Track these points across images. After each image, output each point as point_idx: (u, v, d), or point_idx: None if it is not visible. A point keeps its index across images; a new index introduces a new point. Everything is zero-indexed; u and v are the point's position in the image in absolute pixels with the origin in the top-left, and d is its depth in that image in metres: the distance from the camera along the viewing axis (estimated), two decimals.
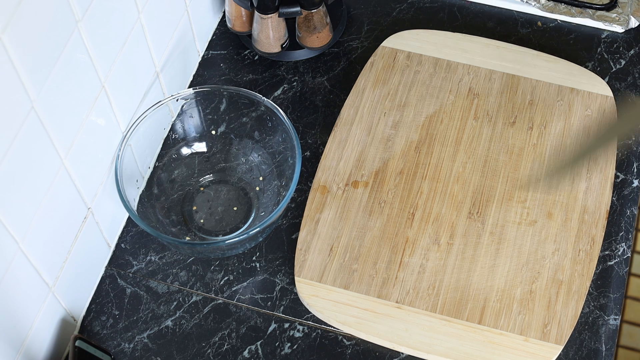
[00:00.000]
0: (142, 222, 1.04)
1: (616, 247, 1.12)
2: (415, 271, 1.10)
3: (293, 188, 1.06)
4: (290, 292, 1.11)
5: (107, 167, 1.09)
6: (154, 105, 1.12)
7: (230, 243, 1.05)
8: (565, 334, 1.05)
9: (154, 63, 1.15)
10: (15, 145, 0.86)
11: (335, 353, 1.07)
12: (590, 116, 1.20)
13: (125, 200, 1.05)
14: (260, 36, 1.25)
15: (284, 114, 1.11)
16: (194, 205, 1.16)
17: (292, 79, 1.28)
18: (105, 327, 1.09)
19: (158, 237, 1.03)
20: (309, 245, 1.12)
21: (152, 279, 1.12)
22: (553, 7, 1.31)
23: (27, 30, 0.84)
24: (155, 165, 1.17)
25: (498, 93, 1.23)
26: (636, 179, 1.18)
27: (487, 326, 1.06)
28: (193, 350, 1.07)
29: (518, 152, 1.18)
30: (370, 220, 1.13)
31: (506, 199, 1.15)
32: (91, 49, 0.97)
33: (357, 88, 1.24)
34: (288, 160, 1.12)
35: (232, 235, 1.14)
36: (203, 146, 1.18)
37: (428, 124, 1.21)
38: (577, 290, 1.08)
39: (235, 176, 1.18)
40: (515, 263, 1.10)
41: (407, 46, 1.28)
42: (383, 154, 1.18)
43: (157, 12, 1.11)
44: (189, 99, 1.15)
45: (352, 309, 1.07)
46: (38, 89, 0.88)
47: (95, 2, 0.95)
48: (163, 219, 1.13)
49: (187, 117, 1.16)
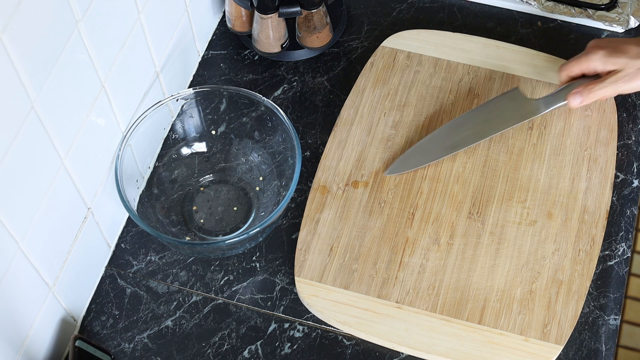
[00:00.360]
0: (142, 222, 1.04)
1: (616, 247, 1.12)
2: (415, 271, 1.10)
3: (293, 188, 1.06)
4: (290, 292, 1.11)
5: (107, 167, 1.09)
6: (154, 105, 1.12)
7: (230, 243, 1.05)
8: (565, 334, 1.05)
9: (154, 63, 1.15)
10: (15, 145, 0.86)
11: (335, 353, 1.07)
12: (590, 116, 1.20)
13: (125, 200, 1.05)
14: (260, 36, 1.25)
15: (284, 114, 1.11)
16: (194, 205, 1.16)
17: (292, 79, 1.28)
18: (105, 327, 1.09)
19: (158, 237, 1.03)
20: (309, 245, 1.12)
21: (152, 279, 1.12)
22: (553, 7, 1.31)
23: (27, 30, 0.84)
24: (156, 165, 1.17)
25: (498, 93, 1.23)
26: (636, 179, 1.18)
27: (487, 326, 1.06)
28: (193, 350, 1.07)
29: (518, 152, 1.18)
30: (370, 220, 1.13)
31: (506, 199, 1.15)
32: (91, 49, 0.97)
33: (357, 88, 1.24)
34: (288, 160, 1.12)
35: (232, 235, 1.14)
36: (203, 146, 1.18)
37: (428, 124, 1.21)
38: (577, 290, 1.08)
39: (235, 176, 1.18)
40: (515, 263, 1.10)
41: (407, 46, 1.28)
42: (383, 154, 1.18)
43: (157, 12, 1.11)
44: (189, 99, 1.15)
45: (352, 309, 1.07)
46: (38, 89, 0.88)
47: (95, 2, 0.95)
48: (163, 219, 1.13)
49: (187, 117, 1.17)
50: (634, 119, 1.22)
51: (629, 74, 1.10)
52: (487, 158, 1.18)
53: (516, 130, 1.20)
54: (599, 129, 1.19)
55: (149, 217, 1.11)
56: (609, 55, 1.10)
